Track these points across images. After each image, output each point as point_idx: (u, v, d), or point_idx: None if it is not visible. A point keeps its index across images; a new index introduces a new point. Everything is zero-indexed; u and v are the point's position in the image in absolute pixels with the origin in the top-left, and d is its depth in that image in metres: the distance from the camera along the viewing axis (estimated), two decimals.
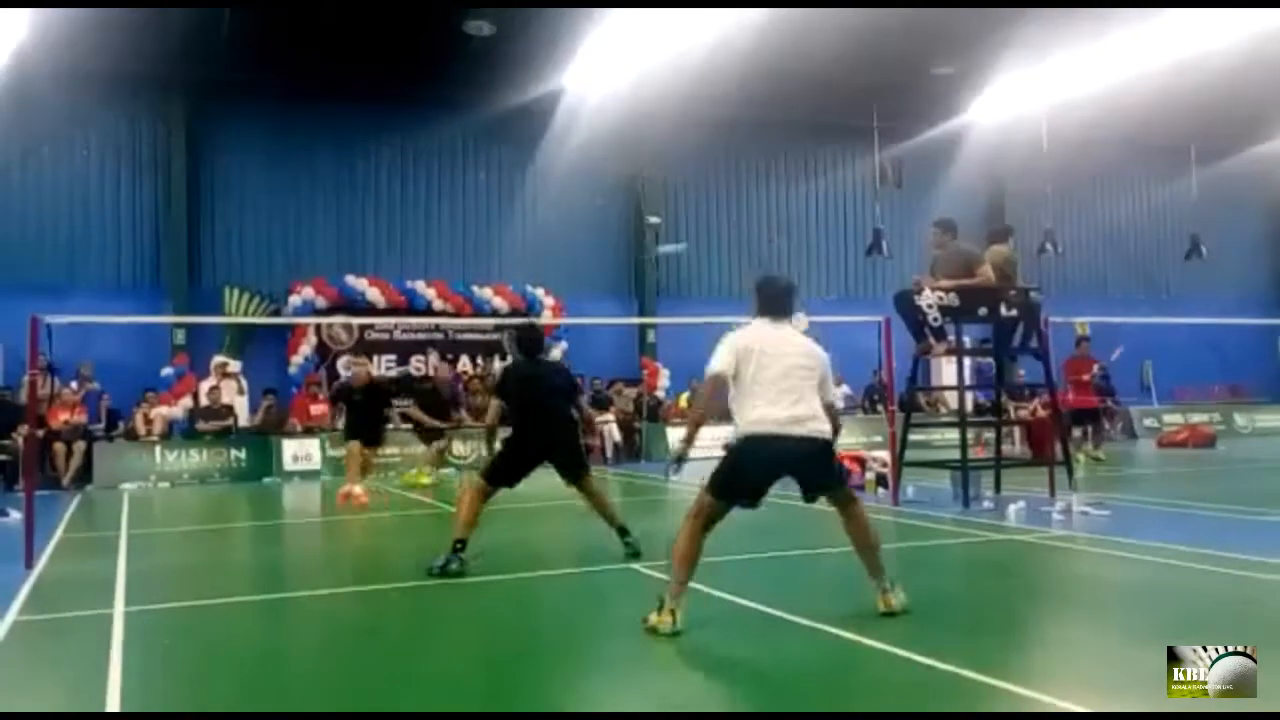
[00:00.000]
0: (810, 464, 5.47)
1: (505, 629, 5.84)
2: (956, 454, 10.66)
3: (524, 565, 7.61)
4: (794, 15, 15.26)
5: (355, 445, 12.40)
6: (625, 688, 4.68)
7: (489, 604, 6.52)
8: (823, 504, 5.75)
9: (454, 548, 7.14)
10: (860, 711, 4.17)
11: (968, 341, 11.16)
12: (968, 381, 11.88)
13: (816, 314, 18.97)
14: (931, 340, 10.21)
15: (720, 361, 5.48)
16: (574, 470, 7.69)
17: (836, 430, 5.59)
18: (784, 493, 5.71)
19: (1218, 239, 23.39)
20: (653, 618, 5.26)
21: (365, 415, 12.61)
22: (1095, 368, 16.40)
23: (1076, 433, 15.46)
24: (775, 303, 5.69)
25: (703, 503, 5.47)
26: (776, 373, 5.38)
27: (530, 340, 8.06)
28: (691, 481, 5.85)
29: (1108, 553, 7.64)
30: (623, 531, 7.73)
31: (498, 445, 7.77)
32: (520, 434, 7.56)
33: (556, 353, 20.25)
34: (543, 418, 7.55)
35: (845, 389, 20.63)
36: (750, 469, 5.44)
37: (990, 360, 13.18)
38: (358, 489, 12.08)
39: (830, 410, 5.59)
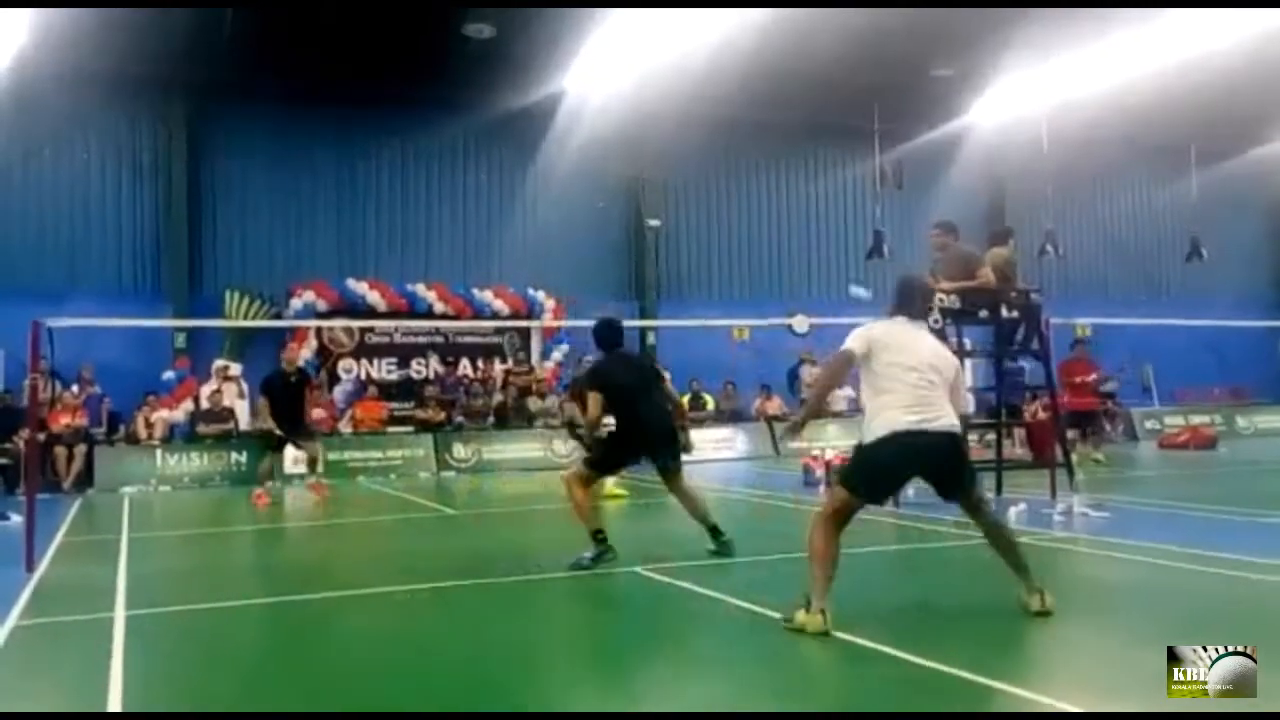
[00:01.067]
0: (948, 462, 5.50)
1: (510, 632, 5.82)
2: None
3: (525, 569, 7.61)
4: (794, 17, 15.27)
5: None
6: (628, 689, 4.68)
7: (494, 607, 6.51)
8: (815, 506, 5.75)
9: (595, 539, 7.44)
10: (860, 712, 4.17)
11: (969, 344, 11.15)
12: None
13: (818, 315, 19.18)
14: None
15: (854, 340, 5.47)
16: (673, 460, 7.86)
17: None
18: (784, 494, 5.71)
19: (1218, 240, 23.39)
20: (800, 616, 5.13)
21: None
22: (1093, 375, 16.31)
23: (1072, 434, 15.42)
24: (911, 302, 5.74)
25: (838, 500, 5.40)
26: (910, 369, 5.36)
27: (613, 332, 8.12)
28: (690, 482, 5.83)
29: (1109, 554, 7.64)
30: (715, 531, 7.75)
31: (602, 434, 8.00)
32: (627, 424, 7.78)
33: (558, 355, 20.32)
34: (646, 406, 7.76)
35: (848, 391, 20.66)
36: (892, 466, 5.44)
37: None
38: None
39: (961, 419, 5.61)
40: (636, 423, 7.75)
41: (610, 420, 7.89)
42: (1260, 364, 23.88)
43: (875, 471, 5.41)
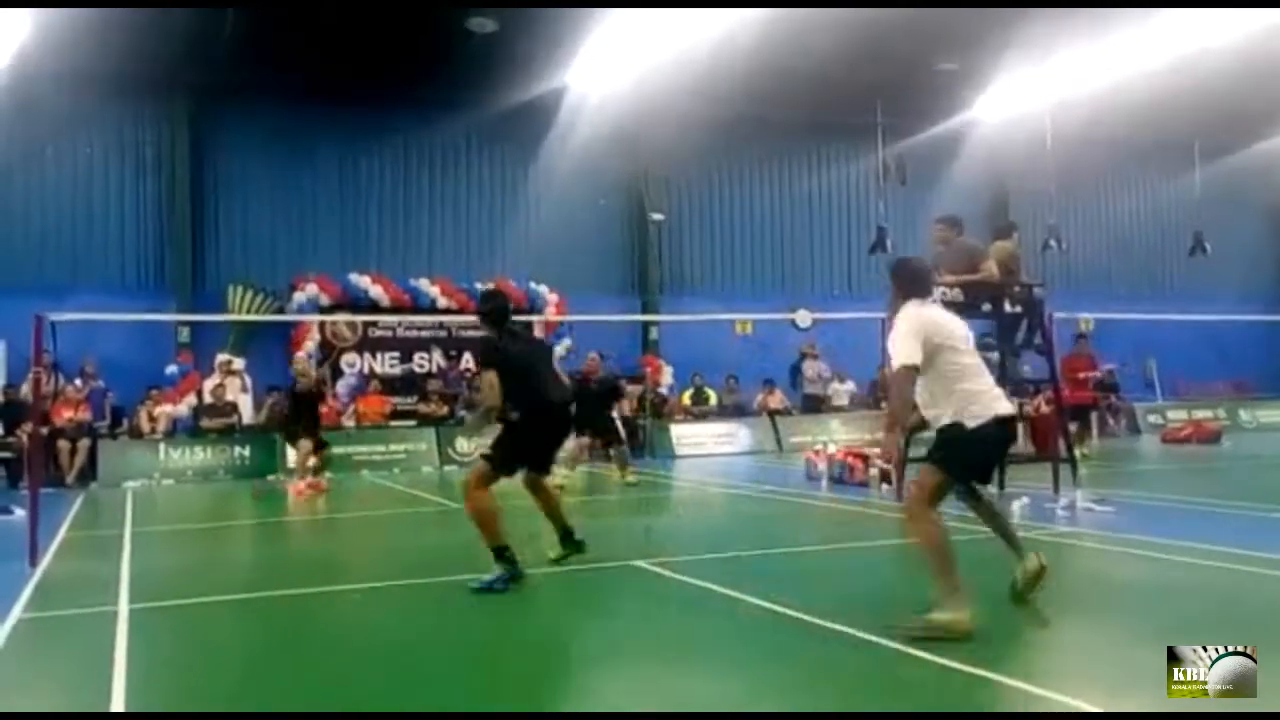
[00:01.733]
0: (1007, 446, 5.78)
1: (514, 627, 5.84)
2: None
3: (527, 562, 7.61)
4: (797, 13, 15.24)
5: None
6: (631, 685, 4.68)
7: (496, 601, 6.51)
8: (817, 501, 5.75)
9: (500, 557, 6.52)
10: (865, 711, 4.17)
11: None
12: None
13: (821, 310, 19.17)
14: None
15: (906, 348, 5.24)
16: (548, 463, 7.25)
17: None
18: (787, 489, 5.70)
19: (1221, 235, 23.33)
20: (939, 616, 4.90)
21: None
22: (1096, 371, 16.29)
23: (1072, 428, 15.38)
24: (925, 283, 5.76)
25: (933, 484, 5.30)
26: (967, 352, 5.38)
27: (506, 307, 7.23)
28: (687, 478, 5.83)
29: (1111, 549, 7.63)
30: (568, 535, 7.28)
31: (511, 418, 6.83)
32: (531, 410, 6.78)
33: (560, 349, 20.30)
34: (553, 392, 7.01)
35: (850, 385, 20.68)
36: (989, 450, 5.55)
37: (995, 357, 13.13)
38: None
39: None
40: (544, 409, 6.88)
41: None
42: (1263, 358, 23.86)
43: (975, 456, 5.44)
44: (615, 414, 14.75)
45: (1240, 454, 16.78)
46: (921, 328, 5.30)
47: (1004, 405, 5.40)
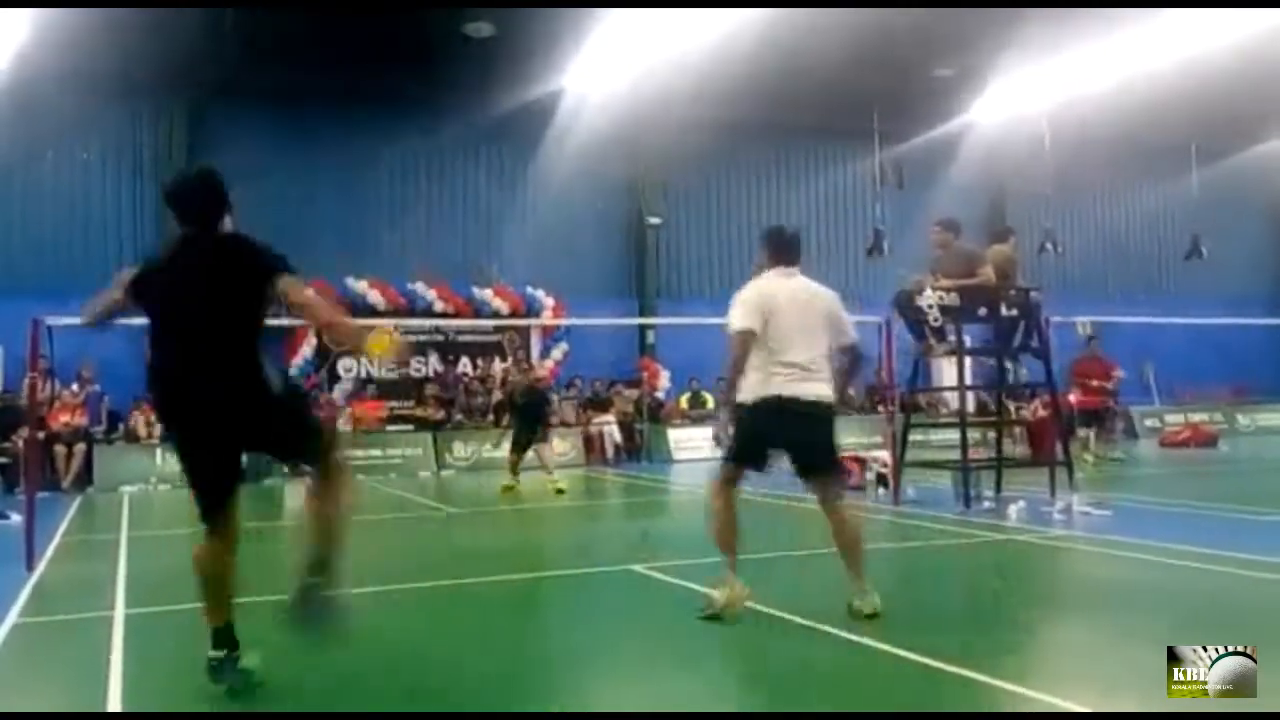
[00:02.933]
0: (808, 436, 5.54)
1: (508, 630, 5.84)
2: (956, 454, 10.65)
3: (522, 566, 7.61)
4: (795, 17, 15.26)
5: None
6: (627, 687, 4.68)
7: (492, 605, 6.52)
8: (814, 505, 5.74)
9: (216, 641, 4.57)
10: (860, 711, 4.17)
11: (969, 341, 11.14)
12: (970, 380, 11.86)
13: None
14: (932, 340, 10.22)
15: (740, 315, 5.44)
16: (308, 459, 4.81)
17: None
18: (780, 492, 5.70)
19: (1219, 238, 23.36)
20: (720, 597, 5.41)
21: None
22: (1111, 379, 16.27)
23: (1084, 433, 15.38)
24: (787, 252, 5.90)
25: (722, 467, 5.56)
26: (800, 325, 5.49)
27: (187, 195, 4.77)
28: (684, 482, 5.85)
29: (1108, 552, 7.63)
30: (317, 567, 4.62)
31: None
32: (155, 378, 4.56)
33: (557, 354, 20.33)
34: (198, 347, 4.56)
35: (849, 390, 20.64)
36: (761, 433, 5.49)
37: (992, 362, 13.16)
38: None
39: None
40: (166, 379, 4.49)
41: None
42: (1261, 362, 23.88)
43: (742, 437, 5.51)
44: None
45: (1238, 458, 16.80)
46: (761, 298, 5.46)
47: (790, 387, 5.36)
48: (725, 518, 5.53)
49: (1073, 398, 15.43)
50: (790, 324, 5.44)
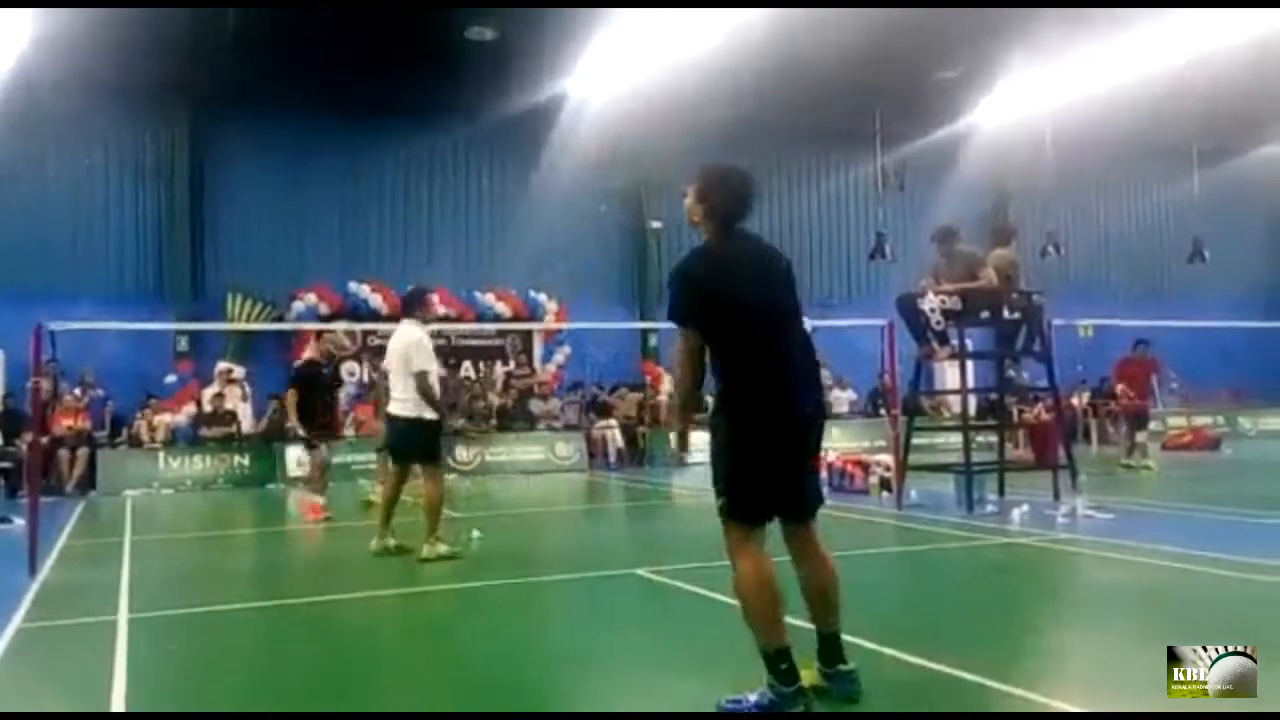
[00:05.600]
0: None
1: (512, 634, 5.83)
2: (959, 457, 10.65)
3: (527, 570, 7.61)
4: (796, 21, 15.26)
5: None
6: (632, 690, 4.67)
7: (494, 608, 6.52)
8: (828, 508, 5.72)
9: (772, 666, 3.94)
10: (864, 712, 4.17)
11: (970, 345, 11.13)
12: (972, 384, 11.84)
13: (819, 318, 19.16)
14: (934, 344, 10.22)
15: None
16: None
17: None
18: None
19: (1221, 241, 23.35)
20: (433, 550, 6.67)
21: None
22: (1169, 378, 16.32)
23: (1141, 437, 15.25)
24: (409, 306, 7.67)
25: None
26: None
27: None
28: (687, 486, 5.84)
29: (1111, 556, 7.62)
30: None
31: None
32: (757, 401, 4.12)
33: (559, 357, 20.32)
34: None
35: (850, 393, 20.66)
36: None
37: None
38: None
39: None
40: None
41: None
42: (1263, 365, 23.81)
43: None
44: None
45: (1240, 461, 16.78)
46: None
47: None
48: None
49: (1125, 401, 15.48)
50: None
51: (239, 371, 17.94)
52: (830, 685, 3.91)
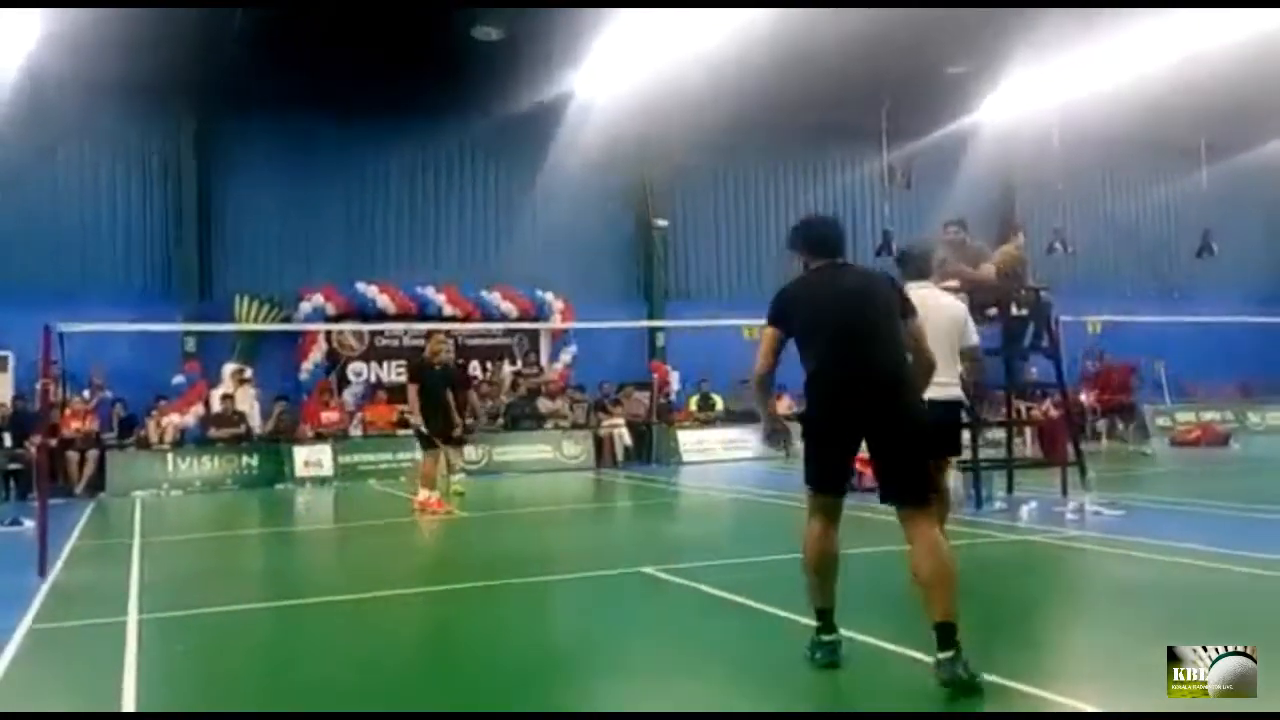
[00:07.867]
0: None
1: (521, 632, 5.84)
2: (967, 454, 10.61)
3: (534, 569, 7.61)
4: (803, 18, 15.23)
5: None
6: (640, 688, 4.68)
7: (505, 608, 6.52)
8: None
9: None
10: (873, 711, 4.16)
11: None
12: None
13: None
14: None
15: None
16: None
17: None
18: (792, 495, 5.69)
19: (1229, 236, 23.26)
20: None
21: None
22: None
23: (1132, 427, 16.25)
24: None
25: None
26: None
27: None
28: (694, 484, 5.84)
29: (1120, 552, 7.61)
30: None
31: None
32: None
33: (566, 356, 20.32)
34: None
35: None
36: None
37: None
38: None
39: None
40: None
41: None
42: (1272, 360, 23.72)
43: None
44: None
45: (1249, 456, 16.72)
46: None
47: None
48: None
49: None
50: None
51: (249, 372, 17.97)
52: (937, 670, 4.25)
